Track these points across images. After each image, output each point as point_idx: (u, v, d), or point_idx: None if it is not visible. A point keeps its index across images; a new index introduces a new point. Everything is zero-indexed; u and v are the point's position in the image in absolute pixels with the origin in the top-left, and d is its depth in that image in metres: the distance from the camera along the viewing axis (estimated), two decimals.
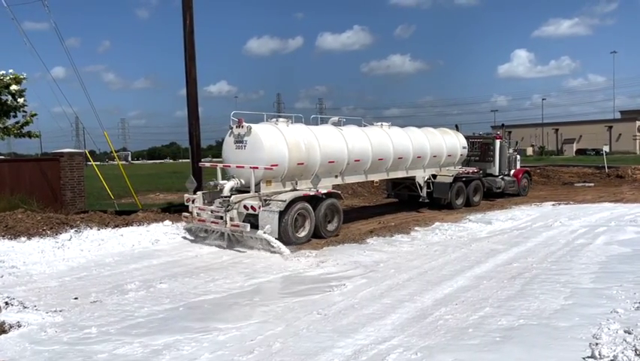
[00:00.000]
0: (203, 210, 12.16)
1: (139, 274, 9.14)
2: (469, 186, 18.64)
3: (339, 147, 13.77)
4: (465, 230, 13.55)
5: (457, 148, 18.88)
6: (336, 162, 13.75)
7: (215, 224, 11.75)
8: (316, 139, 13.16)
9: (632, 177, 28.92)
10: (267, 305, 7.33)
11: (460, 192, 18.23)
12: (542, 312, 6.75)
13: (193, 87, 15.29)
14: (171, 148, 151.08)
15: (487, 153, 21.23)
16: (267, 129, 12.53)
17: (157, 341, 5.99)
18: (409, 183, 17.92)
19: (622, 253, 10.20)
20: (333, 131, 14.08)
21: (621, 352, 5.05)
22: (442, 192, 17.66)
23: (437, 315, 6.74)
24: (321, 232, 12.57)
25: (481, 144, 21.51)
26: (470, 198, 18.64)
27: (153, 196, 23.37)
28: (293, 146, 12.48)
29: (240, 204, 11.63)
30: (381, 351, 5.56)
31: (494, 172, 20.89)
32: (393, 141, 15.73)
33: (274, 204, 11.57)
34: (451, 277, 8.72)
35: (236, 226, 11.30)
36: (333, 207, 13.02)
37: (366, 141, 14.72)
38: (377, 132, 15.54)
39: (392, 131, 16.20)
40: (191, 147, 15.62)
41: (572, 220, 14.40)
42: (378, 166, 15.38)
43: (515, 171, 21.96)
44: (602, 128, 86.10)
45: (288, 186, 12.75)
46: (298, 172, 12.82)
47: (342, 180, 14.40)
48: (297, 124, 13.46)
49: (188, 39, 15.12)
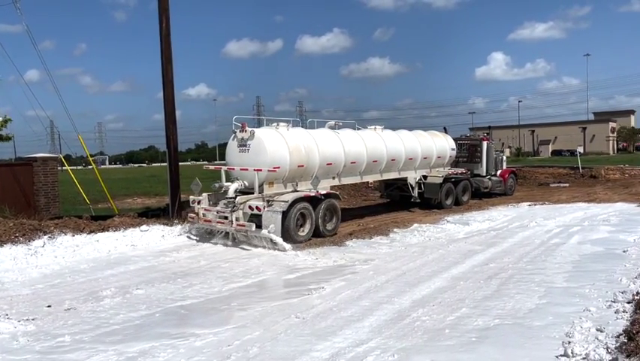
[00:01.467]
0: (208, 211, 12.59)
1: (115, 280, 9.00)
2: (457, 186, 19.22)
3: (336, 149, 14.41)
4: (443, 231, 13.67)
5: (446, 150, 19.48)
6: (334, 164, 14.37)
7: (220, 224, 12.19)
8: (315, 142, 13.77)
9: (605, 177, 29.57)
10: (244, 310, 7.27)
11: (449, 192, 18.76)
12: (517, 312, 6.84)
13: (170, 90, 15.16)
14: (149, 152, 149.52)
15: (474, 155, 21.95)
16: (269, 133, 13.11)
17: (132, 348, 5.90)
18: (400, 183, 18.50)
19: (595, 252, 10.40)
20: (331, 135, 14.67)
21: (593, 350, 5.15)
22: (433, 193, 18.21)
23: (414, 316, 6.78)
24: (321, 230, 13.05)
25: (469, 145, 22.27)
26: (459, 197, 19.25)
27: (131, 201, 23.07)
28: (294, 149, 13.07)
29: (245, 204, 12.17)
30: (358, 354, 5.57)
31: (482, 173, 21.61)
32: (387, 143, 16.32)
33: (277, 205, 12.08)
34: (428, 278, 8.78)
35: (242, 226, 11.77)
36: (331, 208, 13.51)
37: (362, 143, 15.32)
38: (371, 135, 16.14)
39: (385, 134, 16.78)
40: (168, 151, 15.47)
41: (547, 220, 14.64)
42: (372, 168, 16.01)
43: (502, 171, 22.68)
44: (577, 129, 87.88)
45: (289, 187, 13.30)
46: (298, 174, 13.41)
47: (339, 182, 15.00)
48: (296, 128, 14.12)
49: (164, 41, 14.98)
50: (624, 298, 6.91)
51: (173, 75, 15.17)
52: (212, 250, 11.63)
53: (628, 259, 9.56)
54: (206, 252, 11.46)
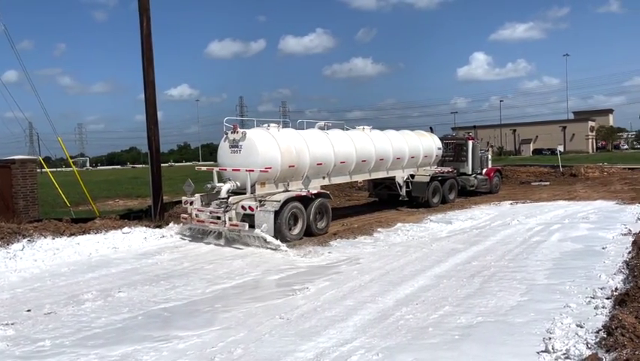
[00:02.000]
0: (201, 212, 12.74)
1: (96, 284, 8.89)
2: (444, 184, 19.62)
3: (326, 150, 14.63)
4: (426, 230, 13.76)
5: (433, 149, 19.80)
6: (324, 164, 14.57)
7: (213, 224, 12.35)
8: (305, 143, 13.96)
9: (585, 175, 30.03)
10: (228, 311, 7.24)
11: (436, 190, 19.13)
12: (499, 309, 6.92)
13: (151, 91, 15.02)
14: (131, 153, 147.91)
15: (460, 154, 22.39)
16: (260, 134, 13.27)
17: (114, 351, 5.83)
18: (388, 182, 18.73)
19: (575, 250, 10.56)
20: (320, 135, 14.88)
21: (573, 345, 5.23)
22: (420, 191, 18.52)
23: (398, 315, 6.82)
24: (312, 229, 13.25)
25: (455, 144, 22.75)
26: (446, 196, 19.64)
27: (112, 203, 22.80)
28: (285, 149, 13.23)
29: (238, 205, 12.31)
30: (343, 353, 5.58)
31: (467, 171, 22.10)
32: (375, 143, 16.59)
33: (269, 205, 12.25)
34: (412, 277, 8.83)
35: (235, 226, 11.92)
36: (322, 207, 13.76)
37: (351, 144, 15.56)
38: (360, 135, 16.37)
39: (373, 134, 17.05)
40: (150, 152, 15.34)
41: (529, 218, 14.82)
42: (361, 167, 16.24)
43: (487, 170, 23.20)
44: (557, 128, 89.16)
45: (281, 187, 13.47)
46: (290, 174, 13.58)
47: (329, 181, 15.21)
48: (286, 129, 14.33)
49: (145, 42, 14.84)
50: (603, 294, 7.02)
51: (154, 76, 15.04)
52: (196, 252, 11.55)
53: (607, 255, 9.72)
54: (190, 254, 11.38)
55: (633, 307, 5.77)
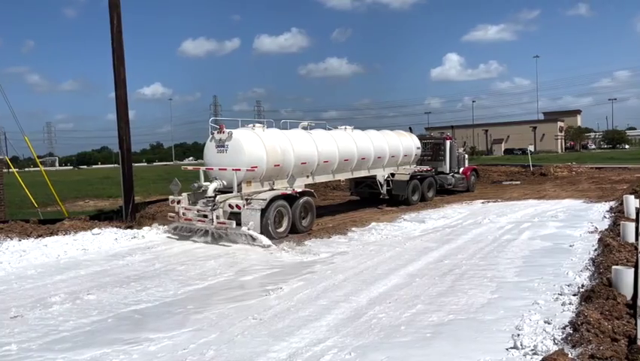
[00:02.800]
0: (189, 210, 12.92)
1: (64, 286, 8.69)
2: (423, 183, 20.20)
3: (310, 149, 14.96)
4: (400, 229, 13.86)
5: (412, 149, 20.41)
6: (308, 163, 14.90)
7: (201, 222, 12.53)
8: (290, 142, 14.25)
9: (554, 175, 30.73)
10: (200, 313, 7.17)
11: (415, 188, 19.72)
12: (470, 307, 7.02)
13: (122, 90, 14.79)
14: (102, 153, 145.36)
15: (438, 153, 23.05)
16: (246, 134, 13.53)
17: (83, 355, 5.72)
18: (370, 181, 19.19)
19: (544, 247, 10.78)
20: (304, 135, 15.22)
21: (541, 341, 5.34)
22: (400, 189, 19.07)
23: (371, 314, 6.85)
24: (297, 227, 13.58)
25: (433, 144, 23.43)
26: (425, 194, 20.22)
27: (82, 203, 22.34)
28: (270, 149, 13.52)
29: (225, 203, 12.57)
30: (315, 353, 5.59)
31: (445, 170, 22.71)
32: (357, 143, 17.01)
33: (256, 203, 12.49)
34: (385, 275, 8.89)
35: (223, 224, 12.17)
36: (307, 205, 14.12)
37: (334, 143, 15.93)
38: (342, 135, 16.79)
39: (355, 134, 17.48)
40: (121, 152, 15.08)
41: (500, 217, 15.06)
42: (344, 166, 16.67)
43: (464, 168, 23.77)
44: (528, 128, 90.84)
45: (266, 186, 13.73)
46: (275, 173, 13.85)
47: (312, 180, 15.55)
48: (271, 129, 14.60)
49: (116, 39, 14.59)
50: (570, 290, 7.18)
51: (125, 75, 14.81)
52: (168, 253, 11.40)
53: (574, 253, 9.94)
54: (162, 255, 11.23)
55: (598, 304, 5.91)
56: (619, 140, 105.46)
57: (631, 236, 9.43)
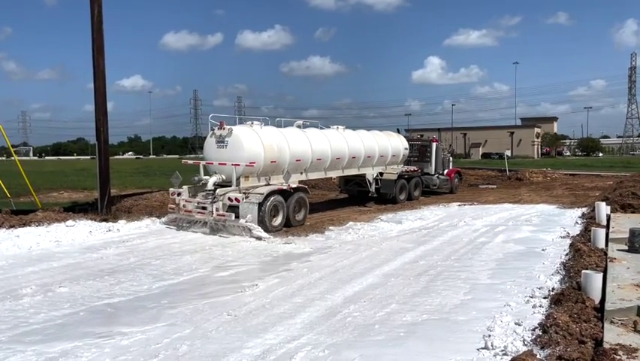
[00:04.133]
0: (189, 203, 13.44)
1: (36, 278, 8.54)
2: (410, 182, 21.03)
3: (304, 147, 15.58)
4: (377, 229, 13.95)
5: (400, 149, 21.15)
6: (302, 161, 15.54)
7: (200, 214, 13.05)
8: (286, 140, 14.87)
9: (530, 179, 31.27)
10: (175, 308, 7.12)
11: (403, 187, 20.46)
12: (444, 307, 7.11)
13: (101, 81, 14.57)
14: (78, 144, 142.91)
15: (424, 154, 23.73)
16: (245, 131, 14.12)
17: (53, 348, 5.63)
18: (359, 180, 19.85)
19: (517, 251, 10.97)
20: (299, 133, 15.85)
21: (511, 342, 5.45)
22: (388, 188, 19.73)
23: (346, 312, 6.89)
24: (291, 221, 14.11)
25: (420, 146, 24.10)
26: (411, 193, 21.05)
27: (57, 195, 21.93)
28: (267, 146, 14.09)
29: (225, 196, 13.09)
30: (289, 350, 5.60)
31: (431, 171, 23.44)
32: (348, 142, 17.71)
33: (253, 197, 13.01)
34: (361, 275, 8.94)
35: (222, 216, 12.72)
36: (301, 200, 14.65)
37: (326, 142, 16.59)
38: (334, 135, 17.48)
39: (346, 133, 18.19)
40: (98, 143, 14.85)
41: (475, 220, 15.27)
42: (336, 164, 17.36)
43: (448, 171, 24.54)
44: (505, 133, 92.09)
45: (263, 181, 14.28)
46: (271, 169, 14.43)
47: (306, 177, 16.23)
48: (268, 126, 15.19)
49: (96, 30, 14.37)
50: (541, 293, 7.34)
51: (104, 66, 14.59)
52: (143, 247, 11.28)
53: (546, 257, 10.14)
54: (137, 248, 11.10)
55: (568, 307, 6.05)
56: (593, 148, 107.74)
57: (601, 242, 9.67)
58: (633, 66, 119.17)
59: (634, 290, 6.45)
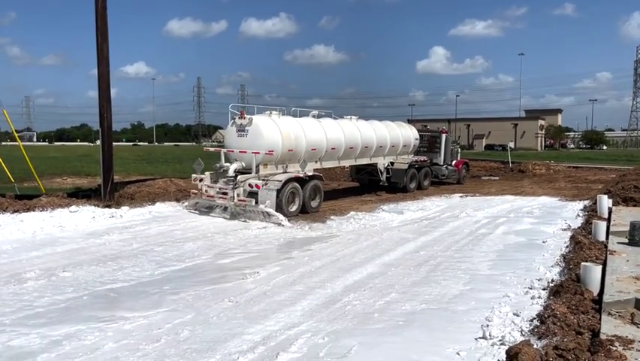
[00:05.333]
0: (211, 188, 14.08)
1: (40, 262, 8.63)
2: (420, 172, 21.58)
3: (319, 136, 16.17)
4: (378, 219, 14.00)
5: (411, 139, 21.69)
6: (317, 150, 16.13)
7: (222, 199, 13.69)
8: (302, 129, 15.45)
9: (532, 172, 31.25)
10: (177, 294, 7.20)
11: (413, 177, 21.08)
12: (443, 297, 7.16)
13: (105, 67, 14.58)
14: (82, 130, 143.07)
15: (434, 145, 24.33)
16: (265, 121, 14.76)
17: (57, 331, 5.72)
18: (370, 169, 20.44)
19: (518, 242, 11.00)
20: (315, 123, 16.44)
21: (509, 333, 5.50)
22: (399, 177, 20.34)
23: (346, 301, 6.96)
24: (307, 207, 14.74)
25: (429, 136, 24.58)
26: (421, 182, 21.61)
27: (60, 180, 22.07)
28: (285, 135, 14.69)
29: (246, 182, 13.74)
30: (289, 336, 5.67)
31: (439, 162, 23.92)
32: (361, 132, 18.25)
33: (272, 184, 13.68)
34: (361, 264, 9.00)
35: (243, 201, 13.33)
36: (316, 188, 15.30)
37: (340, 131, 17.16)
38: (348, 124, 18.02)
39: (359, 123, 18.74)
40: (101, 130, 14.91)
41: (477, 211, 15.30)
42: (349, 154, 17.99)
43: (456, 161, 24.96)
44: (509, 125, 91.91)
45: (280, 169, 14.88)
46: (288, 157, 15.03)
47: (320, 165, 16.71)
48: (286, 116, 15.72)
49: (100, 16, 14.34)
50: (540, 285, 7.38)
51: (108, 52, 14.60)
52: (146, 233, 11.37)
53: (546, 249, 10.18)
54: (140, 235, 11.19)
55: (566, 298, 6.10)
56: (597, 140, 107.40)
57: (602, 235, 9.69)
58: (639, 59, 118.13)
59: (632, 283, 6.49)
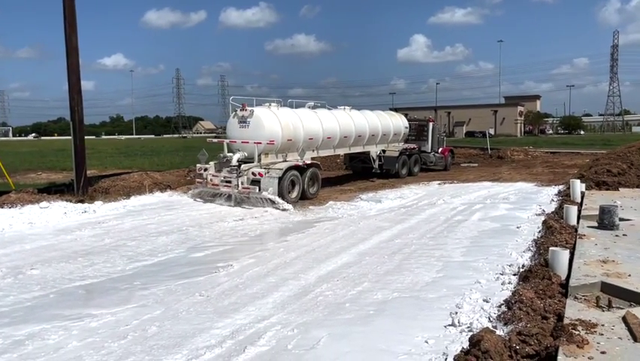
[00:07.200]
0: (216, 177, 14.78)
1: (7, 260, 8.45)
2: (410, 159, 22.68)
3: (316, 126, 16.96)
4: (356, 208, 14.00)
5: (401, 128, 22.68)
6: (314, 139, 16.90)
7: (226, 187, 14.38)
8: (300, 120, 16.27)
9: (511, 158, 31.53)
10: (147, 289, 7.10)
11: (404, 164, 22.08)
12: (415, 285, 7.18)
13: (74, 58, 14.25)
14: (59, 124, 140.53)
15: (422, 133, 25.08)
16: (265, 112, 15.48)
17: (20, 331, 5.60)
18: (363, 157, 21.40)
19: (492, 229, 11.08)
20: (311, 114, 17.31)
21: (477, 319, 5.53)
22: (391, 164, 21.41)
23: (318, 291, 6.93)
24: (306, 194, 15.58)
25: (417, 125, 25.28)
26: (412, 169, 22.70)
27: (34, 176, 21.61)
28: (284, 125, 15.48)
29: (249, 171, 14.48)
30: (259, 330, 5.63)
31: (427, 149, 24.79)
32: (355, 122, 19.19)
33: (274, 172, 14.41)
34: (336, 254, 8.98)
35: (247, 189, 14.10)
36: (314, 175, 16.12)
37: (335, 121, 18.06)
38: (342, 115, 18.96)
39: (353, 113, 19.67)
40: (72, 123, 14.58)
41: (454, 198, 15.39)
42: (343, 142, 18.83)
43: (443, 149, 25.83)
44: (489, 112, 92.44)
45: (280, 158, 15.61)
46: (287, 147, 15.79)
47: (317, 154, 17.58)
48: (284, 108, 16.52)
49: (67, 5, 13.97)
50: (511, 270, 7.42)
51: (77, 42, 14.25)
52: (119, 228, 11.20)
53: (520, 234, 10.26)
54: (113, 230, 11.02)
55: (534, 283, 6.13)
56: (575, 126, 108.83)
57: (573, 219, 9.77)
58: (616, 44, 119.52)
59: (599, 266, 6.55)
